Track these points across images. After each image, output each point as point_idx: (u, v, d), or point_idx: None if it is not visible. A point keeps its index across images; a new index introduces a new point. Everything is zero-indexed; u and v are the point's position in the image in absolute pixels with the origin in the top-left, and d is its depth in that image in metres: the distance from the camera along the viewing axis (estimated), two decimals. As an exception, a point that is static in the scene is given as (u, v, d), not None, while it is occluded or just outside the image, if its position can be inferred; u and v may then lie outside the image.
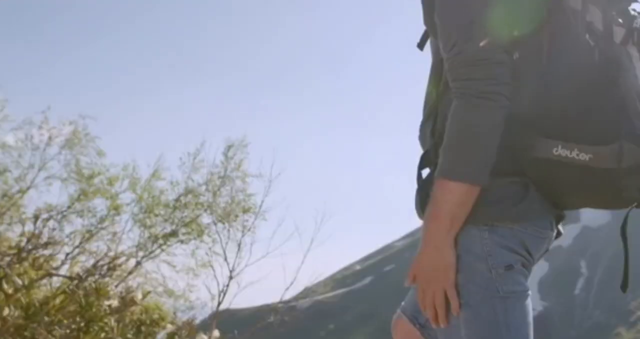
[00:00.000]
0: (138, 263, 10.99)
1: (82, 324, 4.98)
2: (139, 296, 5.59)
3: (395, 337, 2.00)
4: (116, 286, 7.37)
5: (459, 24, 1.54)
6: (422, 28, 1.71)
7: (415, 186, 1.66)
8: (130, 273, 10.18)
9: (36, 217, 8.03)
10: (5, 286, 4.76)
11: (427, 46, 1.73)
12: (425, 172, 1.66)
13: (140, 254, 11.23)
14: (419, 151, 1.69)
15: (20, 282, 5.05)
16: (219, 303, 8.22)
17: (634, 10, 1.61)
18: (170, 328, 5.70)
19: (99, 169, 11.56)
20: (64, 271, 8.18)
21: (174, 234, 11.60)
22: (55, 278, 7.04)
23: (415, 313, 1.93)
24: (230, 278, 8.34)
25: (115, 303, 5.25)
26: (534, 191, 1.55)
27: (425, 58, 1.74)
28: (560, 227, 1.67)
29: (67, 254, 9.51)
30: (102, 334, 4.95)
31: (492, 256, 1.52)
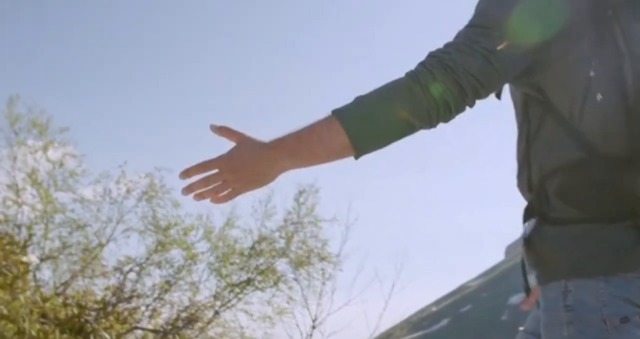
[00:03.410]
0: (216, 313, 11.07)
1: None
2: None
3: None
4: (196, 337, 7.41)
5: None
6: None
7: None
8: (209, 322, 10.25)
9: (119, 270, 8.19)
10: (93, 341, 4.84)
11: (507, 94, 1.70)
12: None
13: (218, 303, 11.32)
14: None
15: (107, 337, 5.12)
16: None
17: None
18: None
19: (175, 220, 11.77)
20: (145, 322, 8.29)
21: (250, 282, 11.66)
22: (139, 331, 7.13)
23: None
24: (313, 327, 8.29)
25: (198, 355, 5.26)
26: None
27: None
28: None
29: (147, 305, 9.67)
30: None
31: (607, 306, 1.45)
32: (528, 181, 1.60)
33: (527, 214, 1.61)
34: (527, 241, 1.58)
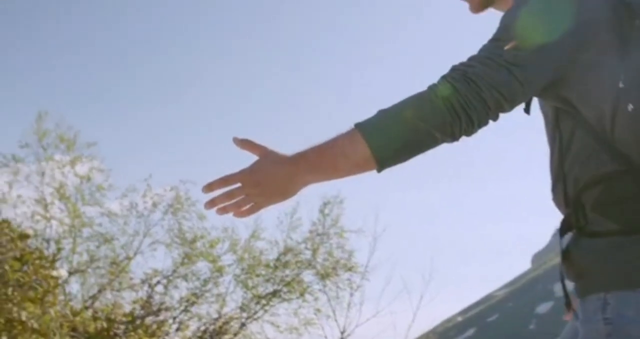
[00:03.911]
0: (243, 325, 11.09)
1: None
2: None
3: None
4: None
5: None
6: None
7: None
8: (236, 334, 10.27)
9: (146, 283, 8.24)
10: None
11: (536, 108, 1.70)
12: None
13: (245, 315, 11.35)
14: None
15: (137, 350, 5.15)
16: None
17: None
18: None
19: (201, 232, 11.84)
20: (172, 335, 8.33)
21: (276, 293, 11.68)
22: (168, 344, 7.17)
23: None
24: (342, 339, 8.27)
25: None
26: None
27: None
28: None
29: (175, 318, 9.72)
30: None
31: None
32: (564, 194, 1.59)
33: (564, 228, 1.60)
34: (565, 254, 1.57)
